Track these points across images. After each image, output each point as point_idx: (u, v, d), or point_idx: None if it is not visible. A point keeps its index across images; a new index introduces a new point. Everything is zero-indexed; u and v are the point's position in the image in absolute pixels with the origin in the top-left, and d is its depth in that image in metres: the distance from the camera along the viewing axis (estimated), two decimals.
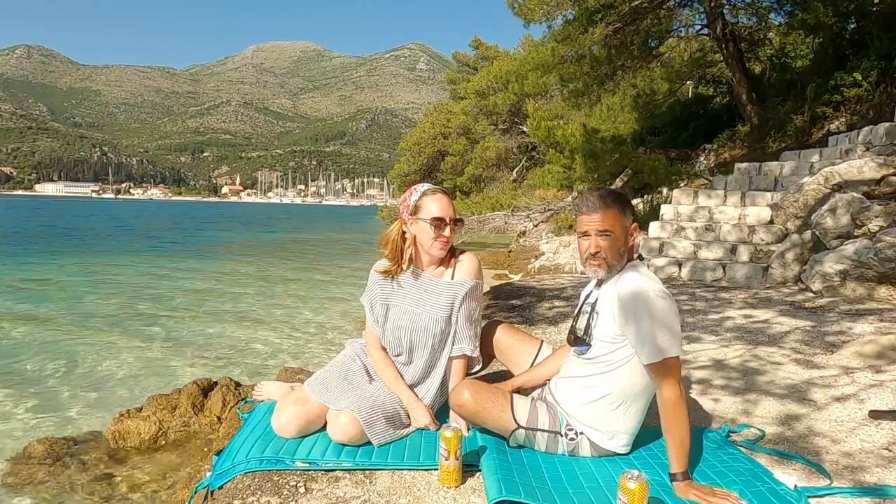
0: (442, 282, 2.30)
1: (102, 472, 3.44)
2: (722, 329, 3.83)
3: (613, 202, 1.93)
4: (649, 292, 1.83)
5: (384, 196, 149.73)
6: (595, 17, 11.09)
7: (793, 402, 2.53)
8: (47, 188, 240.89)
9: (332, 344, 6.98)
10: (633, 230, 1.97)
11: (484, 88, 23.19)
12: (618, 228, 1.93)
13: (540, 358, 2.36)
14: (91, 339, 7.02)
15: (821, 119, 10.03)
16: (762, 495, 1.73)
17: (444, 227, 2.22)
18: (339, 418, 2.10)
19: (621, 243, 1.94)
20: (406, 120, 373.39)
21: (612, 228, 1.92)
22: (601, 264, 1.94)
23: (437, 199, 2.24)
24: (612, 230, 1.92)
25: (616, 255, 1.94)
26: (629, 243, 1.97)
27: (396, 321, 2.30)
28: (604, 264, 1.94)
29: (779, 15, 12.40)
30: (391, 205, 32.18)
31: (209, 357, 6.37)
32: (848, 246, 4.75)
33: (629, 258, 1.99)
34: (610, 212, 1.92)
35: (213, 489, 1.95)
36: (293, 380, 3.26)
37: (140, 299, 9.82)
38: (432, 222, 2.21)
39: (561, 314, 4.48)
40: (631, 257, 1.99)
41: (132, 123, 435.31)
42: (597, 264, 1.94)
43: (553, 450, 2.03)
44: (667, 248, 6.46)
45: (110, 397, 5.03)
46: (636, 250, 2.02)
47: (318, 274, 13.99)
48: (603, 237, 1.92)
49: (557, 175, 14.51)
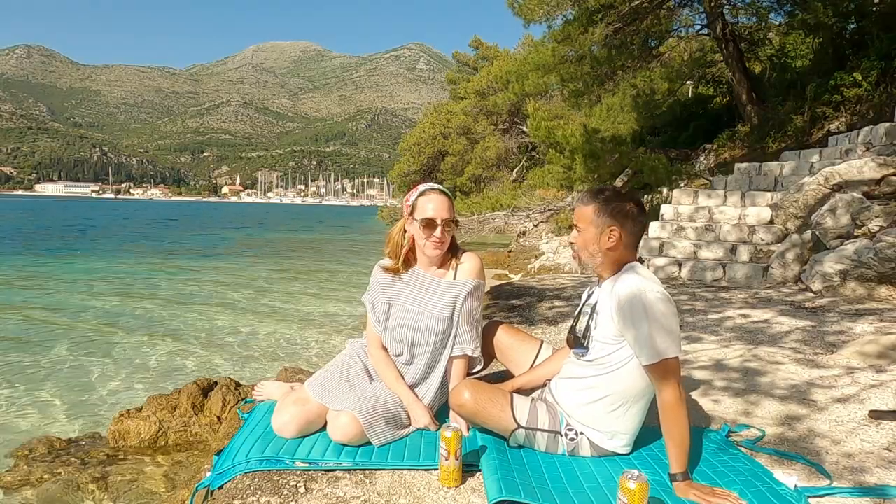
0: (444, 281, 2.30)
1: (102, 472, 3.44)
2: (722, 329, 3.83)
3: (590, 200, 1.95)
4: (648, 293, 1.82)
5: (384, 196, 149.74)
6: (595, 17, 11.09)
7: (793, 403, 2.53)
8: (47, 188, 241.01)
9: (333, 344, 6.98)
10: (610, 233, 1.90)
11: (484, 88, 23.18)
12: (588, 227, 1.94)
13: (540, 358, 2.36)
14: (91, 339, 7.02)
15: (821, 119, 10.03)
16: (762, 495, 1.73)
17: (435, 228, 2.22)
18: (340, 418, 2.10)
19: (591, 243, 1.93)
20: (406, 120, 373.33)
21: (580, 224, 1.96)
22: (574, 255, 2.03)
23: (432, 200, 2.24)
24: (581, 226, 1.96)
25: (586, 254, 1.96)
26: (605, 245, 1.92)
27: (398, 320, 2.30)
28: (577, 258, 2.02)
29: (779, 15, 12.41)
30: (391, 205, 32.20)
31: (209, 357, 6.37)
32: (848, 246, 4.75)
33: (619, 261, 1.94)
34: (585, 208, 1.95)
35: (213, 489, 1.95)
36: (293, 380, 3.26)
37: (141, 298, 9.83)
38: (422, 223, 2.22)
39: (561, 314, 4.48)
40: (620, 261, 1.95)
41: (132, 123, 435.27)
42: (573, 254, 2.04)
43: (553, 450, 2.02)
44: (667, 247, 6.46)
45: (110, 397, 5.03)
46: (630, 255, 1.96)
47: (318, 273, 13.99)
48: (577, 230, 1.98)
49: (557, 175, 14.49)
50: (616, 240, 1.91)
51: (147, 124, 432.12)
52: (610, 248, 1.92)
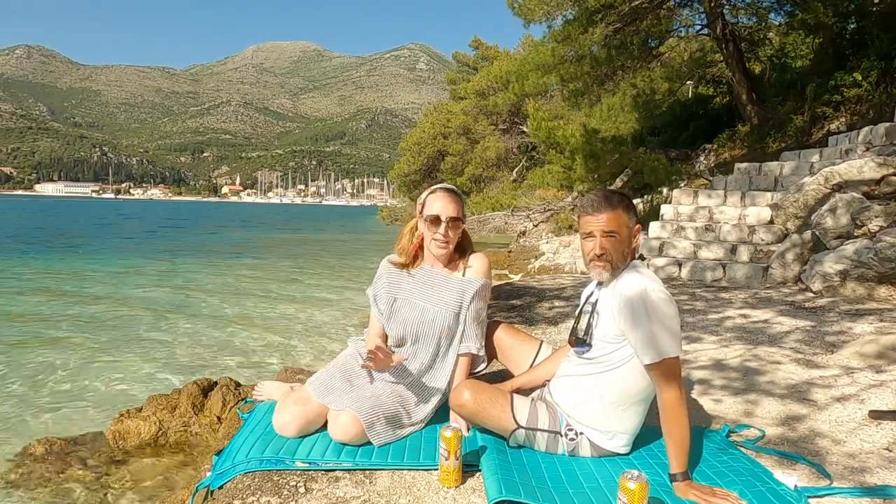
0: (452, 278, 2.33)
1: (102, 472, 3.44)
2: (722, 329, 3.83)
3: (619, 203, 1.92)
4: (649, 293, 1.83)
5: (384, 196, 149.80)
6: (595, 18, 11.11)
7: (793, 403, 2.53)
8: (47, 188, 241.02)
9: (333, 343, 6.98)
10: (637, 231, 1.97)
11: (484, 88, 23.20)
12: (623, 230, 1.92)
13: (540, 358, 2.36)
14: (91, 339, 7.01)
15: (821, 119, 10.04)
16: (762, 495, 1.73)
17: (439, 226, 2.25)
18: (340, 418, 2.10)
19: (625, 245, 1.93)
20: (406, 120, 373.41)
21: (617, 230, 1.90)
22: (606, 266, 1.92)
23: (440, 198, 2.28)
24: (618, 231, 1.90)
25: (620, 257, 1.93)
26: (632, 244, 1.96)
27: (403, 314, 2.32)
28: (608, 266, 1.92)
29: (779, 15, 12.43)
30: (391, 205, 32.20)
31: (209, 357, 6.37)
32: (848, 246, 4.75)
33: (631, 258, 1.99)
34: (615, 213, 1.90)
35: (213, 489, 1.95)
36: (293, 380, 3.25)
37: (142, 298, 9.83)
38: (427, 220, 2.26)
39: (561, 314, 4.48)
40: (633, 257, 1.99)
41: (132, 123, 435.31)
42: (601, 266, 1.92)
43: (553, 450, 2.02)
44: (667, 247, 6.46)
45: (110, 397, 5.03)
46: (637, 250, 2.03)
47: (319, 273, 13.98)
48: (608, 238, 1.90)
49: (557, 175, 14.51)
50: (639, 237, 1.98)
51: (147, 124, 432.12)
52: (635, 245, 1.97)
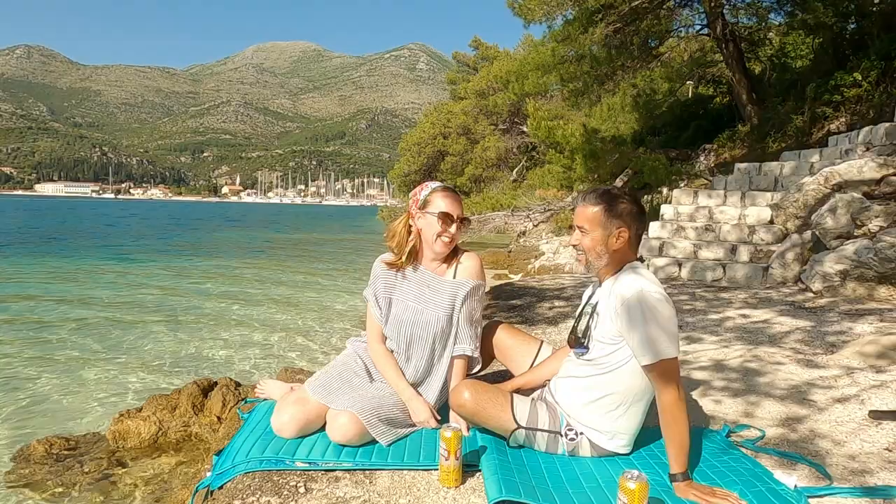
0: (444, 280, 2.32)
1: (102, 473, 3.44)
2: (722, 329, 3.82)
3: (596, 201, 1.93)
4: (646, 294, 1.83)
5: (384, 196, 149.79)
6: (595, 17, 11.11)
7: (793, 403, 2.53)
8: (47, 188, 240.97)
9: (334, 343, 6.98)
10: (619, 234, 1.92)
11: (484, 88, 23.20)
12: (595, 228, 1.92)
13: (540, 358, 2.36)
14: (91, 338, 7.01)
15: (821, 119, 10.03)
16: (762, 495, 1.73)
17: (451, 224, 2.26)
18: (339, 419, 2.10)
19: (599, 244, 1.93)
20: (406, 120, 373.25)
21: (586, 226, 1.94)
22: (581, 259, 2.00)
23: (448, 196, 2.29)
24: (587, 228, 1.94)
25: (594, 255, 1.94)
26: (612, 247, 1.93)
27: (398, 316, 2.32)
28: (583, 260, 1.99)
29: (779, 15, 12.43)
30: (391, 205, 32.18)
31: (209, 356, 6.37)
32: (848, 246, 4.75)
33: (620, 261, 1.96)
34: (588, 210, 1.93)
35: (213, 489, 1.95)
36: (293, 380, 3.26)
37: (142, 298, 9.82)
38: (440, 216, 2.24)
39: (561, 314, 4.48)
40: (622, 260, 1.96)
41: (132, 123, 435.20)
42: (577, 257, 2.01)
43: (553, 450, 2.02)
44: (667, 247, 6.46)
45: (110, 397, 5.03)
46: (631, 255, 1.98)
47: (319, 272, 13.98)
48: (581, 232, 1.96)
49: (557, 175, 14.52)
50: (624, 241, 1.93)
51: (147, 124, 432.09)
52: (617, 249, 1.93)
